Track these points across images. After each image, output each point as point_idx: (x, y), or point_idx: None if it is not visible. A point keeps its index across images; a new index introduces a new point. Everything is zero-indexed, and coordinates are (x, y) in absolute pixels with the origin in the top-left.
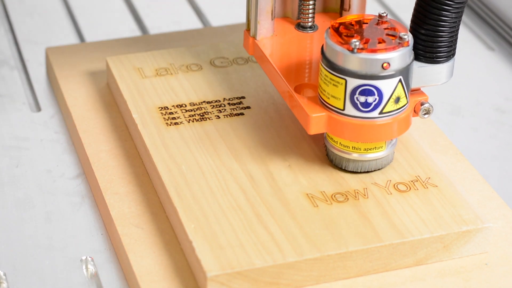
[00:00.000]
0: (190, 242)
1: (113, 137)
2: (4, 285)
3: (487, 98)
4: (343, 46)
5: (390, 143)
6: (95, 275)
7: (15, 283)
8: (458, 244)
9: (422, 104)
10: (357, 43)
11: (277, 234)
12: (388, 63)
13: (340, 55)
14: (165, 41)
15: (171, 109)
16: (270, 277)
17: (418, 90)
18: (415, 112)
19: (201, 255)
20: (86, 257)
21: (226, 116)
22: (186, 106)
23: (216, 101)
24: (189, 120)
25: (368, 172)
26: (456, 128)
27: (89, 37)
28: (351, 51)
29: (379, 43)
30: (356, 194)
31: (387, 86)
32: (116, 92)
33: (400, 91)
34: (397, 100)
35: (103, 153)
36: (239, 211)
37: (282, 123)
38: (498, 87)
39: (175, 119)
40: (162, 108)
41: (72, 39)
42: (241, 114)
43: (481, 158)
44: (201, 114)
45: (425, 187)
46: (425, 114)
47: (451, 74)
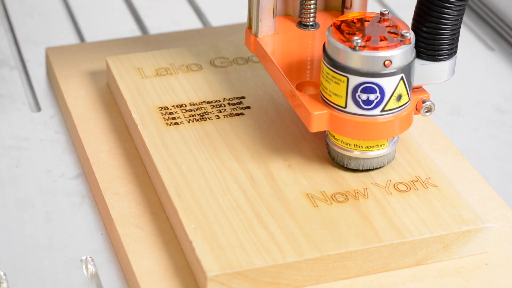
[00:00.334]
0: (190, 242)
1: (113, 137)
2: (4, 285)
3: (487, 98)
4: (345, 44)
5: (392, 141)
6: (95, 275)
7: (15, 283)
8: (458, 244)
9: (424, 102)
10: (359, 41)
11: (277, 234)
12: (390, 61)
13: (342, 53)
14: (165, 41)
15: (171, 109)
16: (270, 277)
17: (420, 88)
18: (417, 110)
19: (201, 255)
20: (86, 257)
21: (226, 116)
22: (186, 106)
23: (216, 101)
24: (189, 120)
25: (370, 170)
26: (456, 128)
27: (89, 37)
28: (353, 49)
29: (381, 41)
30: (356, 194)
31: (389, 84)
32: (116, 92)
33: (402, 89)
34: (399, 98)
35: (103, 153)
36: (239, 211)
37: (282, 123)
38: (498, 87)
39: (175, 119)
40: (162, 108)
41: (72, 39)
42: (241, 114)
43: (481, 158)
44: (201, 114)
45: (425, 187)
46: (427, 112)
47: (453, 72)
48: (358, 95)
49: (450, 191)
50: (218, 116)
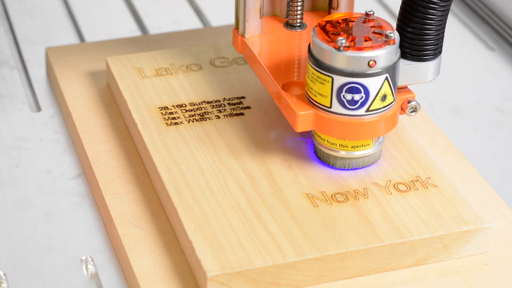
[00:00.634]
0: (190, 242)
1: (113, 137)
2: (4, 285)
3: (487, 98)
4: (330, 44)
5: (377, 141)
6: (95, 275)
7: (15, 283)
8: (458, 244)
9: (409, 102)
10: (344, 41)
11: (277, 234)
12: (374, 61)
13: (327, 53)
14: (165, 41)
15: (171, 109)
16: (270, 277)
17: (405, 88)
18: (402, 110)
19: (201, 255)
20: (86, 257)
21: (226, 116)
22: (186, 106)
23: (216, 101)
24: (189, 120)
25: (356, 169)
26: (456, 128)
27: (89, 37)
28: (338, 49)
29: (365, 41)
30: (356, 194)
31: (374, 84)
32: (116, 92)
33: (387, 89)
34: (384, 98)
35: (103, 153)
36: (239, 211)
37: (282, 123)
38: (498, 87)
39: (175, 119)
40: (162, 108)
41: (72, 39)
42: (241, 114)
43: (481, 158)
44: (201, 114)
45: (425, 187)
46: (412, 112)
47: (438, 72)
48: (343, 95)
49: (450, 191)
50: (218, 116)
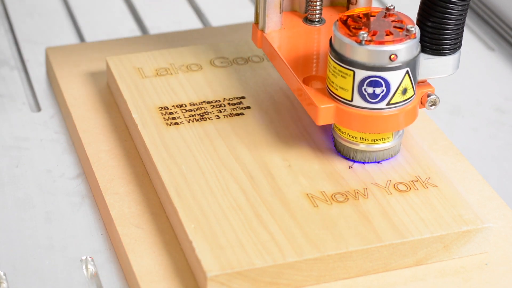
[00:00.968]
0: (190, 242)
1: (113, 137)
2: (4, 285)
3: (487, 98)
4: (351, 38)
5: (397, 134)
6: (95, 275)
7: (15, 283)
8: (458, 244)
9: (429, 96)
10: (365, 35)
11: (277, 234)
12: (396, 55)
13: (348, 47)
14: (165, 41)
15: (171, 109)
16: (270, 277)
17: (425, 82)
18: (422, 104)
19: (201, 255)
20: (86, 257)
21: (226, 116)
22: (186, 106)
23: (216, 101)
24: (189, 120)
25: (376, 163)
26: (456, 128)
27: (89, 37)
28: (359, 43)
29: (387, 35)
30: (356, 194)
31: (395, 78)
32: (116, 92)
33: (407, 83)
34: (404, 92)
35: (103, 153)
36: (239, 211)
37: (282, 123)
38: (498, 87)
39: (175, 119)
40: (162, 108)
41: (72, 39)
42: (241, 114)
43: (481, 158)
44: (201, 114)
45: (425, 187)
46: (432, 106)
47: (458, 66)
48: (364, 89)
49: (450, 191)
50: (218, 116)
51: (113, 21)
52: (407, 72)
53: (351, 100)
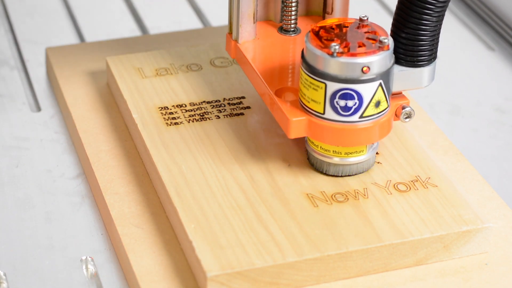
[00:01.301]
0: (190, 242)
1: (113, 137)
2: (4, 285)
3: (487, 98)
4: (323, 50)
5: (371, 147)
6: (95, 275)
7: (15, 283)
8: (458, 244)
9: (404, 108)
10: (337, 47)
11: (277, 234)
12: (368, 67)
13: (320, 59)
14: (165, 41)
15: (171, 109)
16: (270, 277)
17: (400, 94)
18: (396, 116)
19: (201, 255)
20: (86, 257)
21: (226, 116)
22: (186, 106)
23: (216, 101)
24: (189, 120)
25: (349, 176)
26: (456, 128)
27: (89, 37)
28: (331, 55)
29: (359, 47)
30: (356, 194)
31: (367, 90)
32: (116, 92)
33: (381, 95)
34: (378, 104)
35: (103, 153)
36: (239, 211)
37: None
38: (498, 87)
39: (175, 119)
40: (162, 108)
41: (72, 39)
42: (241, 114)
43: (481, 158)
44: (201, 114)
45: (425, 187)
46: (406, 118)
47: (433, 78)
48: (336, 102)
49: (450, 191)
50: (218, 116)
51: (113, 21)
52: (380, 85)
53: (323, 113)
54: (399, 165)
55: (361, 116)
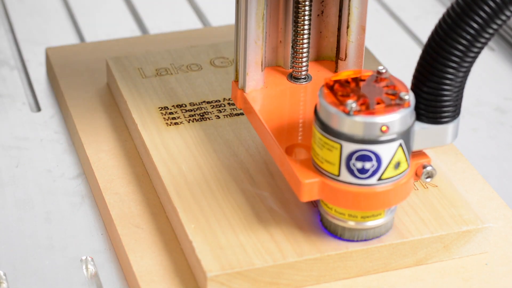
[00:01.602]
0: (190, 242)
1: (113, 137)
2: (4, 285)
3: (487, 98)
4: (339, 108)
5: (390, 210)
6: (95, 275)
7: (15, 283)
8: (458, 244)
9: (424, 167)
10: (354, 105)
11: (277, 234)
12: (388, 127)
13: (335, 118)
14: (165, 41)
15: (171, 109)
16: (270, 277)
17: (420, 151)
18: (417, 176)
19: (201, 255)
20: (86, 257)
21: (226, 116)
22: (186, 106)
23: (216, 101)
24: (189, 120)
25: (366, 241)
26: None
27: (89, 37)
28: (347, 114)
29: (378, 104)
30: None
31: (386, 151)
32: (116, 92)
33: (401, 156)
34: (397, 166)
35: (103, 153)
36: (239, 211)
37: None
38: (498, 87)
39: (175, 119)
40: (162, 108)
41: (72, 39)
42: (241, 114)
43: (481, 158)
44: (201, 114)
45: (425, 187)
46: (428, 178)
47: (456, 135)
48: (353, 163)
49: (450, 191)
50: (218, 116)
51: (113, 21)
52: (400, 145)
53: (338, 175)
54: None
55: (379, 179)
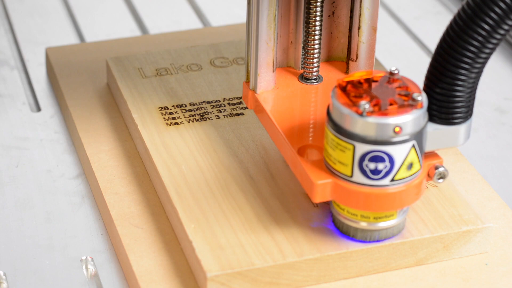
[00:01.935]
0: (190, 242)
1: (113, 137)
2: (4, 285)
3: (487, 98)
4: (351, 109)
5: (402, 211)
6: (95, 275)
7: (15, 283)
8: (458, 244)
9: (437, 168)
10: (367, 106)
11: (277, 234)
12: (401, 128)
13: (348, 119)
14: (165, 41)
15: (171, 109)
16: (270, 277)
17: (432, 152)
18: (429, 177)
19: (201, 255)
20: (86, 257)
21: (226, 116)
22: (186, 106)
23: (216, 101)
24: (189, 120)
25: (378, 241)
26: None
27: (89, 37)
28: (360, 115)
29: (390, 105)
30: None
31: (399, 152)
32: (116, 92)
33: (413, 157)
34: (410, 166)
35: (103, 153)
36: (239, 211)
37: None
38: (498, 87)
39: (175, 119)
40: (162, 108)
41: (72, 39)
42: (241, 114)
43: (481, 158)
44: (201, 114)
45: (425, 187)
46: (440, 179)
47: (469, 136)
48: (366, 164)
49: (450, 191)
50: (218, 116)
51: (113, 21)
52: (413, 146)
53: (351, 176)
54: None
55: (392, 180)
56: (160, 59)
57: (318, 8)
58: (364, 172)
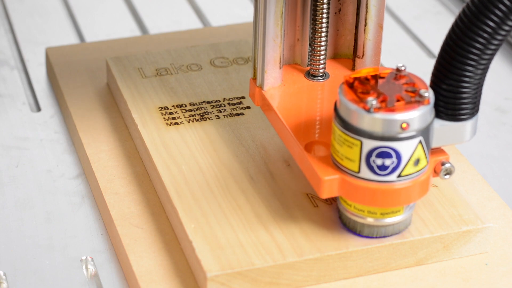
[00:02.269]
0: (190, 242)
1: (113, 137)
2: (4, 285)
3: (487, 98)
4: (359, 105)
5: (408, 206)
6: (95, 275)
7: (15, 283)
8: (458, 244)
9: (443, 164)
10: (374, 102)
11: (277, 234)
12: (408, 124)
13: (355, 115)
14: (165, 41)
15: (171, 109)
16: (270, 277)
17: (438, 148)
18: (435, 173)
19: (201, 255)
20: (86, 257)
21: (226, 116)
22: (186, 106)
23: (216, 101)
24: (189, 120)
25: (385, 237)
26: None
27: (89, 37)
28: (367, 111)
29: (397, 101)
30: None
31: (406, 148)
32: (116, 92)
33: (420, 153)
34: (417, 162)
35: (103, 153)
36: (239, 211)
37: None
38: (498, 87)
39: (175, 119)
40: (162, 108)
41: (72, 39)
42: (241, 114)
43: (481, 158)
44: (201, 114)
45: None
46: (446, 175)
47: (475, 132)
48: (373, 160)
49: (450, 191)
50: (218, 116)
51: (113, 21)
52: (420, 142)
53: (358, 172)
54: None
55: (399, 176)
56: (160, 59)
57: (325, 6)
58: (371, 168)
